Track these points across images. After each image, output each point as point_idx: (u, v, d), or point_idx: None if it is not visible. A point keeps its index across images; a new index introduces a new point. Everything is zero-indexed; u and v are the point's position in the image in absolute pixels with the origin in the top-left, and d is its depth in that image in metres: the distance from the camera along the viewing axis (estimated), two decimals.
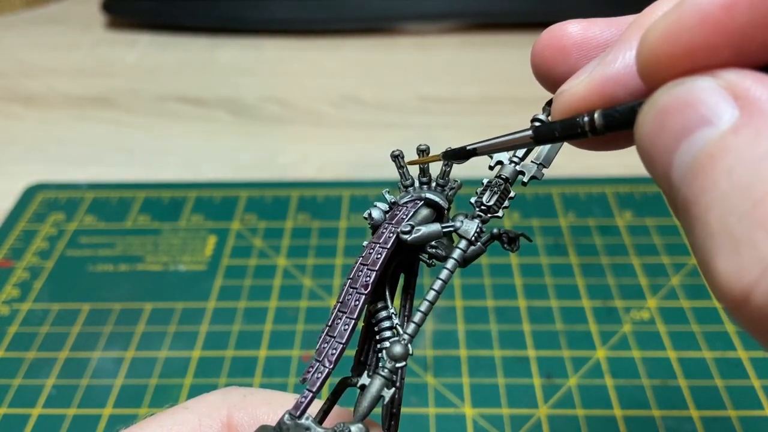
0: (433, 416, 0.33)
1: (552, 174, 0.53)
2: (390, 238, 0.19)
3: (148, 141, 0.55)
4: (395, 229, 0.19)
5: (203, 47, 0.69)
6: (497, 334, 0.37)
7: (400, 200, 0.20)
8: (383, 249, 0.19)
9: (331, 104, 0.59)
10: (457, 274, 0.41)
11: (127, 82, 0.63)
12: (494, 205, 0.20)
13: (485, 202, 0.20)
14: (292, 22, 0.69)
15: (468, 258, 0.20)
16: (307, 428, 0.18)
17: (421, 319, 0.19)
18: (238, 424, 0.20)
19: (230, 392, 0.21)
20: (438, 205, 0.20)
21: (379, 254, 0.19)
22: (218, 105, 0.60)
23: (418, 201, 0.20)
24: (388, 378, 0.18)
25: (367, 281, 0.19)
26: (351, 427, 0.17)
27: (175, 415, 0.20)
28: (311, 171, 0.51)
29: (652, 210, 0.45)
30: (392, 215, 0.20)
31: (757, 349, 0.36)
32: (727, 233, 0.13)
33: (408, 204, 0.20)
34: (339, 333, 0.18)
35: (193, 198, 0.48)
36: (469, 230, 0.19)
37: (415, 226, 0.19)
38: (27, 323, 0.39)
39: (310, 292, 0.40)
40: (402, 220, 0.19)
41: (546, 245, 0.43)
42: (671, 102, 0.15)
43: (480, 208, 0.20)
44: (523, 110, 0.68)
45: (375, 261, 0.19)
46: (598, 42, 0.20)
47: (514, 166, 0.20)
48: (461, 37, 0.70)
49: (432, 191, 0.20)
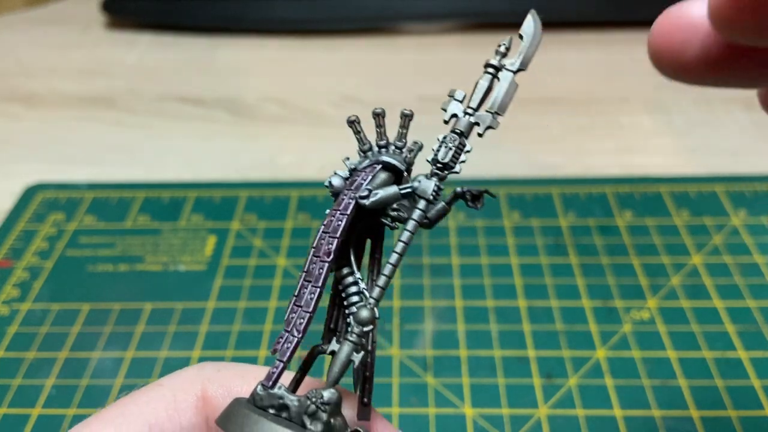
0: (433, 416, 0.33)
1: (552, 174, 0.53)
2: (349, 204, 0.19)
3: (148, 141, 0.55)
4: (353, 195, 0.19)
5: (203, 47, 0.69)
6: (497, 334, 0.37)
7: (359, 166, 0.20)
8: (343, 215, 0.19)
9: (331, 104, 0.59)
10: (458, 274, 0.41)
11: (127, 82, 0.63)
12: (450, 162, 0.20)
13: (441, 160, 0.20)
14: (293, 22, 0.69)
15: (433, 218, 0.20)
16: (279, 397, 0.18)
17: (385, 282, 0.19)
18: (212, 397, 0.20)
19: (204, 367, 0.21)
20: (395, 167, 0.20)
21: (339, 221, 0.19)
22: (218, 105, 0.60)
23: (376, 165, 0.20)
24: (357, 343, 0.18)
25: (330, 249, 0.19)
26: (323, 392, 0.18)
27: (150, 392, 0.20)
28: (311, 171, 0.51)
29: (652, 210, 0.45)
30: (352, 181, 0.20)
31: (758, 349, 0.36)
32: None
33: (366, 169, 0.20)
34: (306, 302, 0.19)
35: (193, 198, 0.48)
36: (427, 189, 0.19)
37: (373, 190, 0.19)
38: (27, 323, 0.39)
39: None
40: (360, 185, 0.19)
41: (546, 245, 0.43)
42: None
43: (436, 166, 0.20)
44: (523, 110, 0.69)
45: (336, 228, 0.19)
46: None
47: (469, 118, 0.20)
48: (461, 37, 0.70)
49: (389, 154, 0.20)
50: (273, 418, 0.17)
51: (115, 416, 0.19)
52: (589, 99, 0.59)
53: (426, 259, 0.42)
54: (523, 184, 0.48)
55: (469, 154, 0.20)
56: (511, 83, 0.20)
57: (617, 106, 0.58)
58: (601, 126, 0.55)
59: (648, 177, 0.48)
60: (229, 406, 0.18)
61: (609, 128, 0.55)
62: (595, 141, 0.53)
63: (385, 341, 0.37)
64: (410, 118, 0.21)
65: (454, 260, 0.42)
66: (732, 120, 0.56)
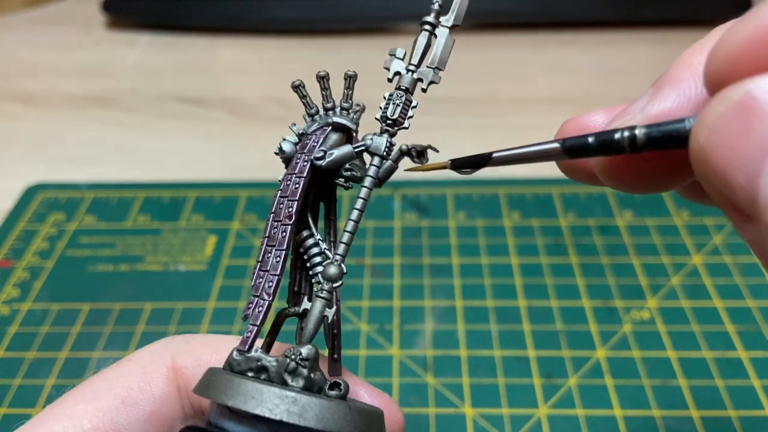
0: (433, 416, 0.33)
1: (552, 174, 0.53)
2: (305, 167, 0.20)
3: (149, 141, 0.55)
4: (308, 157, 0.20)
5: (203, 47, 0.69)
6: (497, 334, 0.37)
7: (308, 130, 0.21)
8: (300, 178, 0.19)
9: None
10: (458, 274, 0.41)
11: (127, 82, 0.63)
12: (399, 117, 0.20)
13: (390, 116, 0.20)
14: (293, 22, 0.69)
15: (383, 177, 0.20)
16: (257, 360, 0.18)
17: (349, 238, 0.19)
18: (183, 367, 0.20)
19: (171, 339, 0.21)
20: (346, 127, 0.21)
21: (297, 184, 0.19)
22: (218, 105, 0.60)
23: (327, 127, 0.20)
24: (328, 299, 0.19)
25: (290, 212, 0.19)
26: (301, 349, 0.18)
27: (120, 367, 0.20)
28: None
29: (652, 210, 0.45)
30: (303, 145, 0.20)
31: (757, 349, 0.36)
32: None
33: (317, 131, 0.20)
34: (272, 266, 0.19)
35: (193, 198, 0.48)
36: (379, 146, 0.20)
37: (327, 151, 0.20)
38: (27, 323, 0.39)
39: None
40: (313, 147, 0.20)
41: (546, 245, 0.43)
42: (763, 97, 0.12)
43: (386, 123, 0.20)
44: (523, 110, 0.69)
45: (294, 191, 0.19)
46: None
47: (412, 75, 0.21)
48: (461, 37, 0.69)
49: (339, 115, 0.21)
50: (254, 380, 0.18)
51: (87, 393, 0.20)
52: (589, 99, 0.59)
53: (426, 259, 0.42)
54: (523, 184, 0.48)
55: (416, 109, 0.21)
56: (447, 39, 0.21)
57: (618, 105, 0.58)
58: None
59: None
60: (205, 375, 0.18)
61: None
62: None
63: (386, 341, 0.37)
64: (354, 79, 0.21)
65: (454, 260, 0.42)
66: None
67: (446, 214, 0.46)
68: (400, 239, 0.44)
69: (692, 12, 0.68)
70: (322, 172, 0.20)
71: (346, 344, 0.37)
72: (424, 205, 0.46)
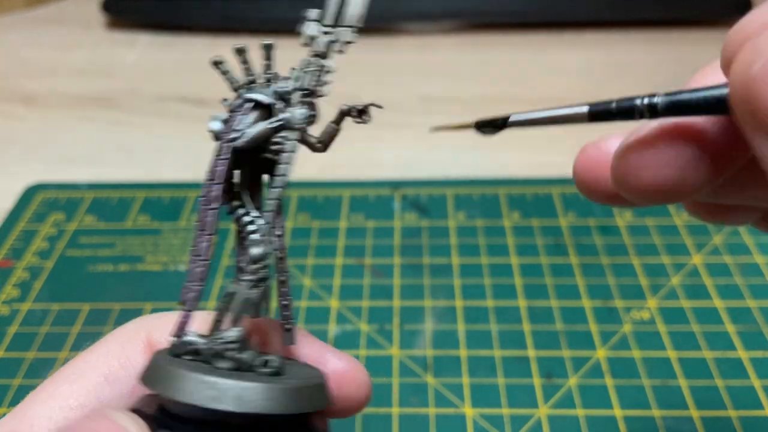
0: (433, 416, 0.33)
1: (552, 174, 0.53)
2: (225, 148, 0.20)
3: (149, 141, 0.55)
4: (227, 138, 0.20)
5: (203, 47, 0.69)
6: (497, 334, 0.37)
7: (233, 106, 0.21)
8: (221, 161, 0.20)
9: (331, 104, 0.59)
10: (458, 274, 0.41)
11: (127, 82, 0.63)
12: (316, 86, 0.21)
13: (305, 86, 0.20)
14: (293, 22, 0.69)
15: (325, 140, 0.21)
16: (190, 343, 0.19)
17: (270, 210, 0.19)
18: (157, 342, 0.21)
19: (146, 317, 0.22)
20: (261, 102, 0.20)
21: (219, 167, 0.20)
22: (218, 105, 0.60)
23: (245, 103, 0.20)
24: (252, 280, 0.19)
25: (215, 195, 0.20)
26: (227, 333, 0.19)
27: (98, 348, 0.21)
28: (311, 171, 0.51)
29: (652, 210, 0.45)
30: (230, 124, 0.20)
31: (757, 349, 0.36)
32: None
33: (238, 109, 0.20)
34: (203, 251, 0.20)
35: (193, 198, 0.48)
36: (293, 119, 0.20)
37: (243, 131, 0.20)
38: (27, 323, 0.39)
39: (310, 291, 0.40)
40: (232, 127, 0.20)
41: (546, 245, 0.43)
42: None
43: (302, 93, 0.20)
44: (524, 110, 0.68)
45: (218, 174, 0.20)
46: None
47: (326, 37, 0.21)
48: (461, 37, 0.70)
49: (256, 90, 0.21)
50: (182, 364, 0.18)
51: (69, 375, 0.21)
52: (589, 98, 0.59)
53: (426, 259, 0.42)
54: (523, 184, 0.48)
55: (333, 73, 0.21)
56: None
57: None
58: (601, 126, 0.55)
59: None
60: (150, 360, 0.19)
61: (609, 128, 0.55)
62: None
63: (386, 341, 0.37)
64: (271, 48, 0.21)
65: (454, 260, 0.42)
66: None
67: (446, 214, 0.46)
68: (400, 239, 0.44)
69: (692, 12, 0.68)
70: (249, 149, 0.20)
71: (346, 344, 0.37)
72: (424, 205, 0.46)
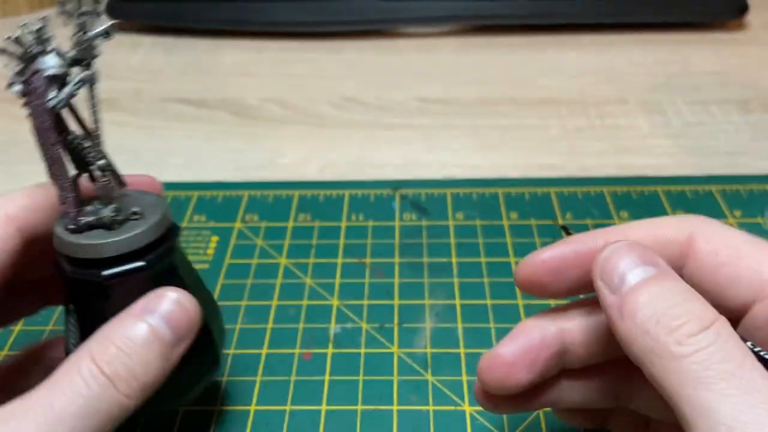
0: (432, 413, 0.33)
1: (550, 174, 0.54)
2: (41, 111, 0.25)
3: (151, 142, 0.56)
4: (42, 105, 0.24)
5: (206, 49, 0.70)
6: (496, 332, 0.38)
7: (29, 73, 0.25)
8: (43, 123, 0.25)
9: (331, 105, 0.60)
10: (457, 274, 0.41)
11: (130, 84, 0.64)
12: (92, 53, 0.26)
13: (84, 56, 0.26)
14: (294, 24, 0.70)
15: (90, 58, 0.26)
16: (78, 221, 0.26)
17: (99, 128, 0.27)
18: (12, 214, 0.27)
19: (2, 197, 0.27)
20: (56, 74, 0.25)
21: (45, 123, 0.25)
22: (220, 106, 0.60)
23: (42, 72, 0.24)
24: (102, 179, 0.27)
25: (53, 140, 0.26)
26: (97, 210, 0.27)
27: None
28: (312, 171, 0.52)
29: (649, 210, 0.46)
30: (30, 86, 0.25)
31: None
32: None
33: (36, 81, 0.25)
34: (61, 174, 0.26)
35: (195, 198, 0.48)
36: (49, 68, 0.25)
37: (56, 96, 0.24)
38: (31, 321, 0.39)
39: (310, 290, 0.41)
40: (42, 93, 0.24)
41: (544, 244, 0.43)
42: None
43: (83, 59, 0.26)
44: (521, 111, 0.69)
45: (47, 128, 0.25)
46: (571, 259, 0.25)
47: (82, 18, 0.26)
48: (460, 40, 0.70)
49: (48, 65, 0.25)
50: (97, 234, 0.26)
51: None
52: (586, 100, 0.59)
53: (426, 259, 0.43)
54: (521, 185, 0.48)
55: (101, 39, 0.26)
56: None
57: (615, 107, 0.58)
58: (598, 127, 0.56)
59: (645, 177, 0.49)
60: (55, 236, 0.26)
61: (606, 129, 0.56)
62: (592, 142, 0.54)
63: (386, 339, 0.37)
64: (45, 24, 0.26)
65: (453, 259, 0.42)
66: (727, 121, 0.56)
67: (446, 213, 0.46)
68: (399, 239, 0.44)
69: (689, 15, 0.69)
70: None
71: (347, 342, 0.37)
72: (423, 205, 0.47)
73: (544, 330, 0.25)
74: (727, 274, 0.23)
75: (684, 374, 0.19)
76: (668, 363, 0.19)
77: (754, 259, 0.22)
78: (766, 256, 0.22)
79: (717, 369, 0.18)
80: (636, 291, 0.21)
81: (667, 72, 0.63)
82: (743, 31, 0.70)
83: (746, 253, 0.23)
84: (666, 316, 0.20)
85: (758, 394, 0.18)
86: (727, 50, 0.67)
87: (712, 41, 0.68)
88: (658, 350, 0.19)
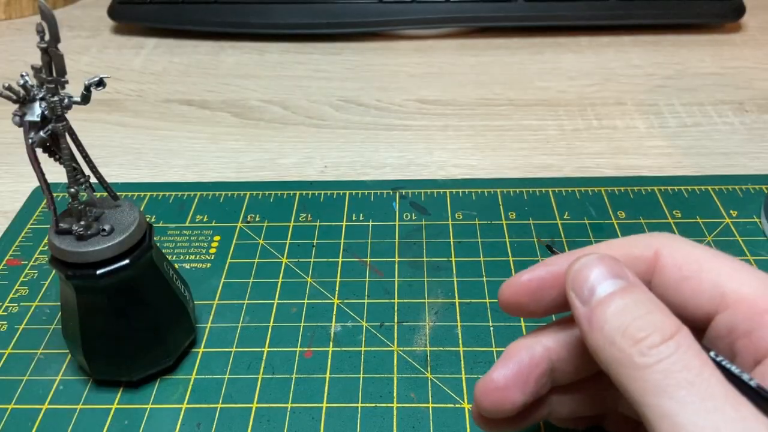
0: (431, 411, 0.34)
1: (549, 174, 0.54)
2: (28, 145, 0.30)
3: (154, 143, 0.56)
4: (28, 143, 0.30)
5: (208, 51, 0.70)
6: (494, 330, 0.38)
7: (20, 113, 0.30)
8: (31, 153, 0.31)
9: (332, 107, 0.60)
10: (456, 273, 0.42)
11: (133, 86, 0.64)
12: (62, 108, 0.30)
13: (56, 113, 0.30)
14: (295, 26, 0.70)
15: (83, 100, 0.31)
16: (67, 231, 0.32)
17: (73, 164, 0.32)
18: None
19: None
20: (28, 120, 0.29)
21: (31, 155, 0.31)
22: (222, 107, 0.61)
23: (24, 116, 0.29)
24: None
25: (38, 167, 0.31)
26: (102, 226, 0.33)
27: None
28: (313, 172, 0.52)
29: (646, 210, 0.46)
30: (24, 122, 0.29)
31: None
32: None
33: (23, 121, 0.29)
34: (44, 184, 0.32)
35: (197, 198, 0.49)
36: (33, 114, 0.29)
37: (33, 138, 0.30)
38: (35, 321, 0.40)
39: (311, 289, 0.41)
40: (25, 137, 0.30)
41: (543, 244, 0.44)
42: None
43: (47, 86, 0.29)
44: (520, 112, 0.69)
45: (34, 159, 0.31)
46: (550, 280, 0.26)
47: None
48: (459, 41, 0.71)
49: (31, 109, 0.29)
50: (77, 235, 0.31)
51: None
52: (584, 102, 0.60)
53: (425, 258, 0.43)
54: (520, 185, 0.49)
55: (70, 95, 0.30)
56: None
57: (612, 108, 0.59)
58: (596, 128, 0.56)
59: (642, 177, 0.49)
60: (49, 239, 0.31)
61: (604, 130, 0.56)
62: (590, 142, 0.54)
63: (386, 338, 0.38)
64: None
65: (452, 258, 0.43)
66: (723, 122, 0.57)
67: (445, 213, 0.47)
68: (399, 238, 0.45)
69: (686, 17, 0.69)
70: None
71: (347, 340, 0.38)
72: (423, 205, 0.47)
73: (532, 350, 0.26)
74: (690, 287, 0.24)
75: (647, 383, 0.20)
76: (633, 372, 0.20)
77: (715, 273, 0.24)
78: (725, 270, 0.23)
79: (677, 378, 0.19)
80: (604, 303, 0.22)
81: (664, 73, 0.64)
82: (740, 33, 0.70)
83: (707, 267, 0.24)
84: (631, 327, 0.21)
85: (715, 401, 0.19)
86: (723, 52, 0.67)
87: (708, 43, 0.69)
88: (624, 360, 0.20)
